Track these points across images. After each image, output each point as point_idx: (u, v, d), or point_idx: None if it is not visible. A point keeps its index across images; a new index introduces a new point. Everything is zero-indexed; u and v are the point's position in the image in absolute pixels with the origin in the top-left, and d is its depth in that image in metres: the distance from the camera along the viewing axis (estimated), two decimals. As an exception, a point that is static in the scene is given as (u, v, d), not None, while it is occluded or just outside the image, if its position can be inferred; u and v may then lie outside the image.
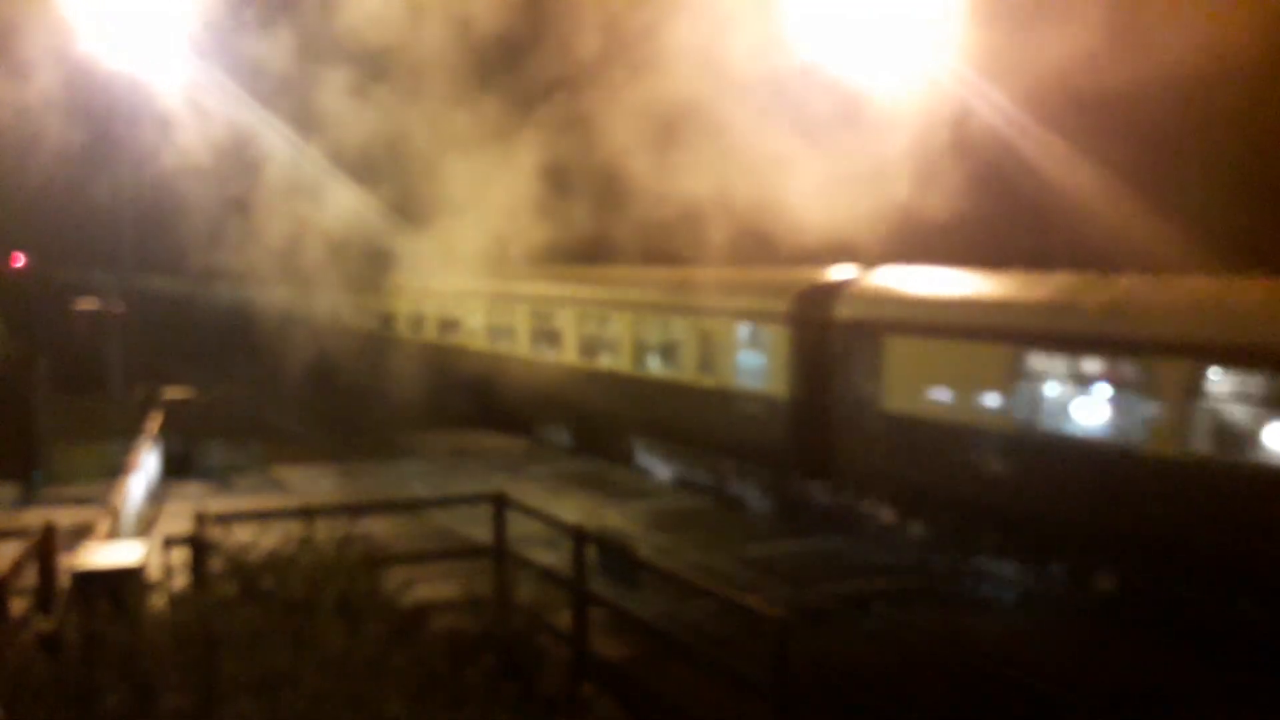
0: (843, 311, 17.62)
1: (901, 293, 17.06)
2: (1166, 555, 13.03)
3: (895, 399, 16.51)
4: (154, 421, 21.33)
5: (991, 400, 15.03)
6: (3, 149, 22.66)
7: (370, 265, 30.16)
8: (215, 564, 10.50)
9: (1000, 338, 14.98)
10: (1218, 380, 12.60)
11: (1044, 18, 14.71)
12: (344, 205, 24.51)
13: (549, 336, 25.85)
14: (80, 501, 18.18)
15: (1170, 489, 12.88)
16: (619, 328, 23.25)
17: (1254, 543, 12.05)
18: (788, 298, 18.77)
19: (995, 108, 17.63)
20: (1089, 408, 14.06)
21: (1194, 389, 12.72)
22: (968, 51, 16.45)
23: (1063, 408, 14.29)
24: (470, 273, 27.61)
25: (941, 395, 15.77)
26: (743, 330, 19.68)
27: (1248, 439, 12.38)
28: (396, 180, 23.65)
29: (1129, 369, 13.50)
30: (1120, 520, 13.35)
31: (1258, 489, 12.18)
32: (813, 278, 18.94)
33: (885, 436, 16.68)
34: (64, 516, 14.38)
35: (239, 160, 22.56)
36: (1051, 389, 14.38)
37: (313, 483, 21.15)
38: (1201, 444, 12.72)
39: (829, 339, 17.76)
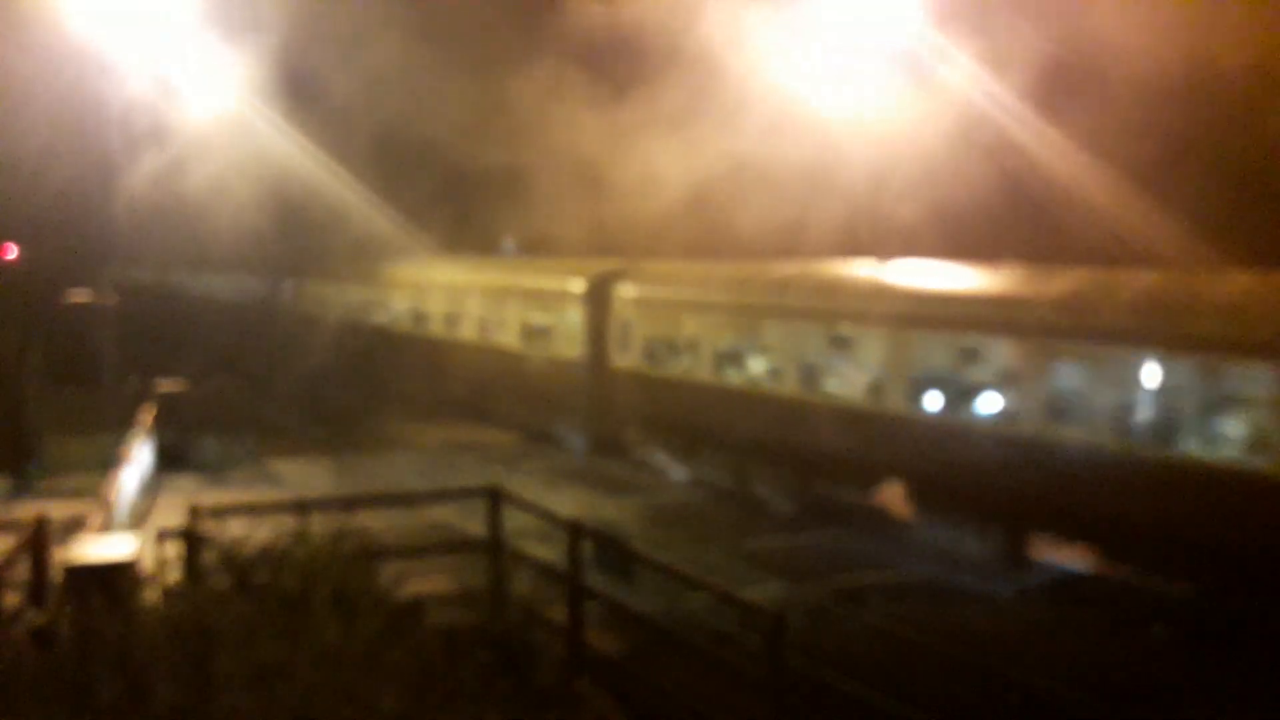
0: None
1: None
2: None
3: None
4: (147, 414, 21.24)
5: None
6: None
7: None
8: (209, 558, 10.44)
9: None
10: None
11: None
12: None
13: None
14: (73, 494, 18.09)
15: None
16: None
17: None
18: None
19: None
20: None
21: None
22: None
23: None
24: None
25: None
26: None
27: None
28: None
29: None
30: None
31: None
32: None
33: None
34: (57, 509, 14.29)
35: (231, 151, 22.49)
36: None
37: (307, 476, 21.08)
38: None
39: None
